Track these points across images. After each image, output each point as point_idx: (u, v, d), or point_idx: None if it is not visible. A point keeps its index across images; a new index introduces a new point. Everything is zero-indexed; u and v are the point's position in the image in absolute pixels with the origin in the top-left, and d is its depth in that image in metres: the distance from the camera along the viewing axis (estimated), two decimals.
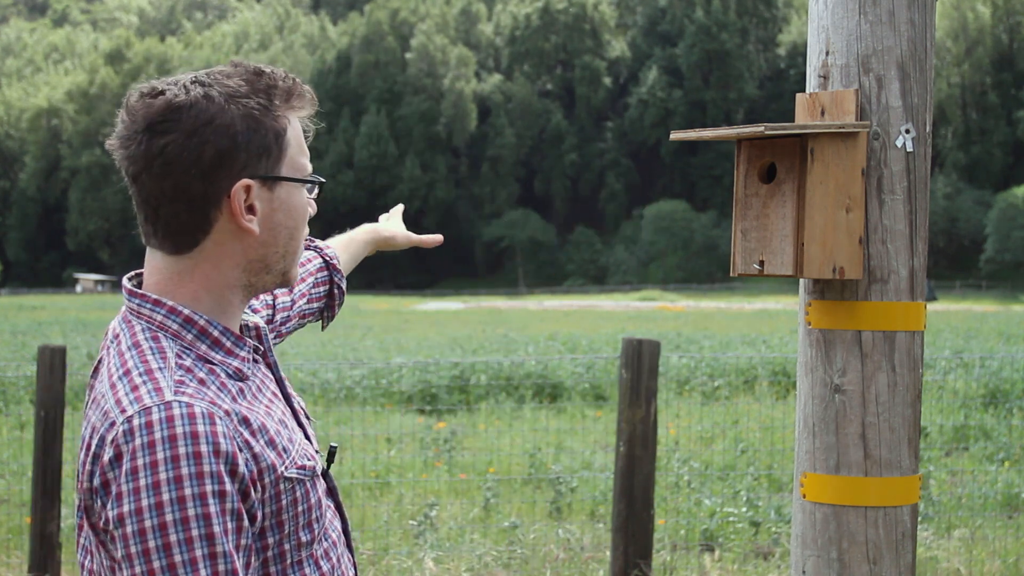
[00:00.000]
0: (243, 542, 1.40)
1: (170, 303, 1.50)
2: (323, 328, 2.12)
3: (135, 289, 1.53)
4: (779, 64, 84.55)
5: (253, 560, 1.45)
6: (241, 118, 1.48)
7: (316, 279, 2.05)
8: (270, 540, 1.47)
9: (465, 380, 12.16)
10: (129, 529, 1.35)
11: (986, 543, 6.22)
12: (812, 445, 1.85)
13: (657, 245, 74.12)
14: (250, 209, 1.51)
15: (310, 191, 1.62)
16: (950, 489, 7.35)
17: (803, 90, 1.91)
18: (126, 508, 1.35)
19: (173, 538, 1.34)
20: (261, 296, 1.91)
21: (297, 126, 1.57)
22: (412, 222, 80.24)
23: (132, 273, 1.58)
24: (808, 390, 1.86)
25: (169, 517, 1.34)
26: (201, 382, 1.44)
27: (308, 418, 1.70)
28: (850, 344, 1.80)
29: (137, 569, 1.35)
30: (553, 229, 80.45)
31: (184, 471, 1.34)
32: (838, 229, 1.76)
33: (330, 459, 1.67)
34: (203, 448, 1.36)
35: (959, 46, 73.97)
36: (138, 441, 1.36)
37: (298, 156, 1.57)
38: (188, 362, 1.46)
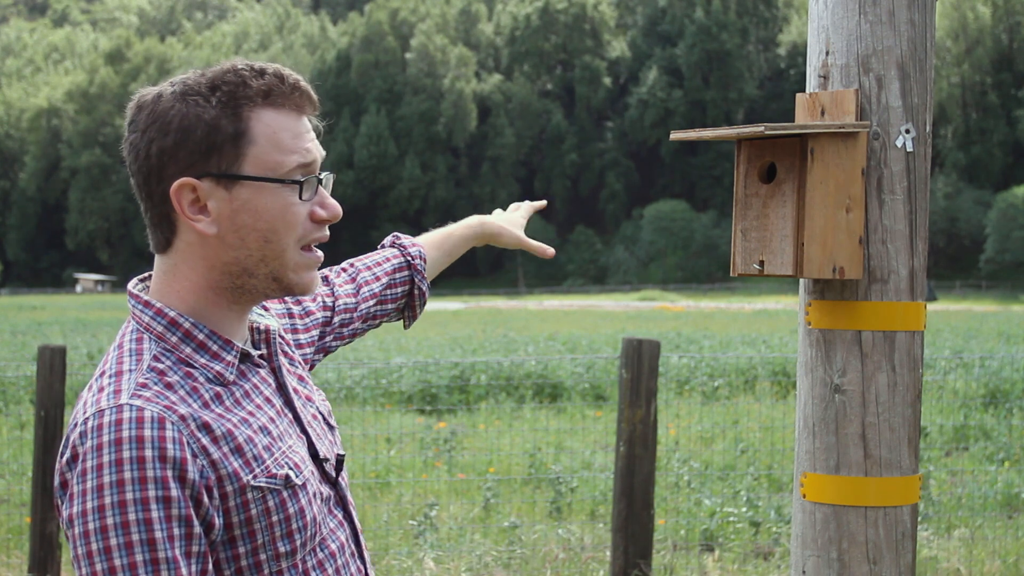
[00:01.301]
0: (194, 548, 1.38)
1: (158, 305, 1.50)
2: (405, 327, 2.07)
3: (131, 290, 1.55)
4: (779, 64, 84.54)
5: (224, 568, 1.45)
6: (186, 116, 1.46)
7: (392, 279, 2.00)
8: (241, 549, 1.46)
9: (465, 380, 12.16)
10: (77, 530, 1.36)
11: (986, 543, 6.22)
12: (812, 445, 1.85)
13: (657, 245, 74.12)
14: (202, 209, 1.48)
15: (304, 192, 1.52)
16: (950, 489, 7.35)
17: (803, 90, 1.91)
18: (75, 509, 1.36)
19: (114, 542, 1.34)
20: (319, 298, 1.88)
21: (276, 123, 1.50)
22: (412, 222, 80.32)
23: (143, 275, 1.59)
24: (808, 390, 1.86)
25: (110, 520, 1.34)
26: (168, 386, 1.43)
27: (330, 424, 1.69)
28: (850, 344, 1.80)
29: (84, 571, 1.36)
30: (553, 229, 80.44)
31: (127, 475, 1.35)
32: (838, 229, 1.76)
33: (338, 467, 1.64)
34: (147, 453, 1.36)
35: (959, 46, 73.97)
36: (89, 443, 1.37)
37: (270, 154, 1.49)
38: (164, 365, 1.46)
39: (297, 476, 1.50)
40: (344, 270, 1.99)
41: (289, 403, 1.59)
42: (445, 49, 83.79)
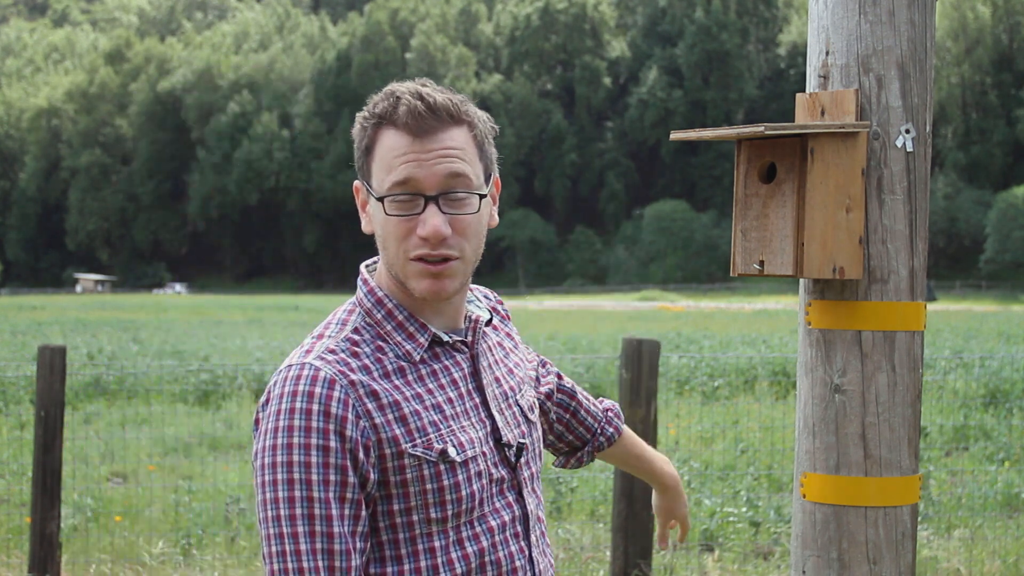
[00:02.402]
0: (348, 495, 1.60)
1: (372, 284, 1.75)
2: (553, 464, 2.23)
3: (361, 269, 1.82)
4: (779, 64, 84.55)
5: (379, 520, 1.65)
6: (355, 128, 1.73)
7: (574, 431, 2.16)
8: (396, 507, 1.65)
9: None
10: (256, 463, 1.62)
11: (986, 543, 6.22)
12: (812, 445, 1.85)
13: (657, 245, 74.13)
14: (364, 207, 1.76)
15: (388, 208, 1.68)
16: (950, 489, 7.34)
17: (803, 90, 1.91)
18: (258, 445, 1.63)
19: (279, 476, 1.58)
20: (552, 375, 2.12)
21: (388, 143, 1.68)
22: None
23: (372, 259, 1.83)
24: (808, 390, 1.86)
25: (279, 458, 1.59)
26: (355, 355, 1.67)
27: (528, 418, 1.85)
28: (850, 344, 1.80)
29: (257, 496, 1.62)
30: (553, 229, 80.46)
31: (296, 423, 1.59)
32: (838, 229, 1.76)
33: (517, 454, 1.79)
34: (314, 407, 1.59)
35: (959, 46, 73.97)
36: (276, 392, 1.63)
37: (380, 171, 1.69)
38: (360, 337, 1.70)
39: (458, 454, 1.68)
40: (568, 394, 2.16)
41: (479, 388, 1.77)
42: (445, 49, 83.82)
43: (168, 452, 9.06)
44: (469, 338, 1.79)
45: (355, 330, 1.70)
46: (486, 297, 1.98)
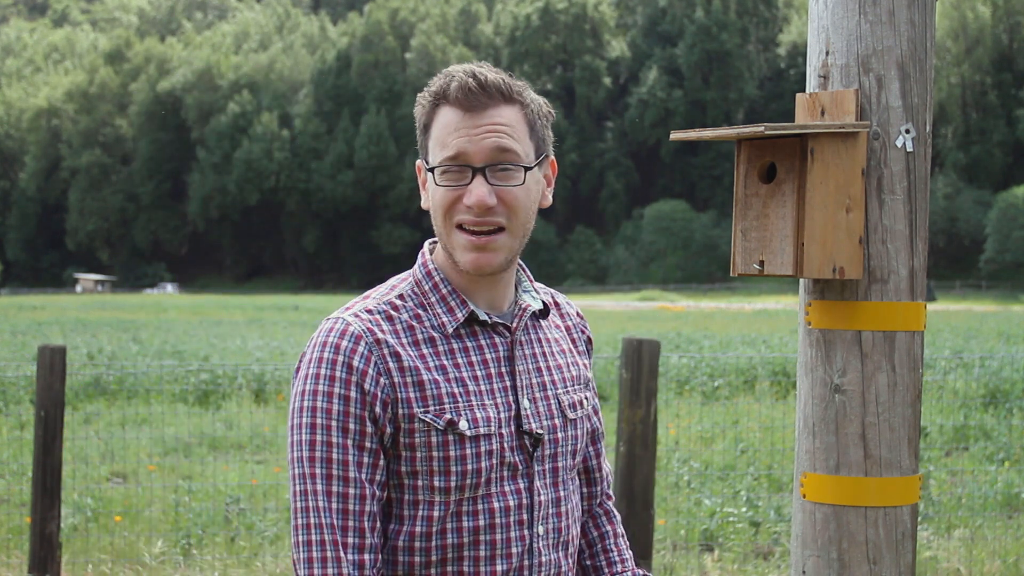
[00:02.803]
0: (366, 444, 1.70)
1: (426, 258, 1.84)
2: None
3: (424, 244, 1.89)
4: (779, 64, 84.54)
5: (391, 478, 1.73)
6: (416, 109, 1.82)
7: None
8: (403, 468, 1.73)
9: None
10: (289, 406, 1.75)
11: (986, 543, 6.23)
12: (812, 445, 1.85)
13: (657, 245, 74.12)
14: (423, 184, 1.82)
15: (439, 178, 1.76)
16: (950, 489, 7.35)
17: (803, 90, 1.91)
18: (293, 389, 1.75)
19: (303, 421, 1.70)
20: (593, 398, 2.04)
21: (444, 119, 1.76)
22: (412, 222, 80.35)
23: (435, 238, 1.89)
24: (808, 390, 1.86)
25: (306, 403, 1.70)
26: (389, 318, 1.76)
27: (564, 414, 1.86)
28: (850, 344, 1.80)
29: (287, 436, 1.74)
30: (553, 229, 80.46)
31: (321, 371, 1.70)
32: (838, 229, 1.76)
33: (535, 444, 1.81)
34: (339, 358, 1.70)
35: (959, 46, 73.95)
36: (312, 342, 1.75)
37: (435, 146, 1.77)
38: (403, 304, 1.79)
39: (469, 428, 1.73)
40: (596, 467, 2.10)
41: (512, 373, 1.81)
42: (445, 49, 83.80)
43: (168, 452, 9.06)
44: (513, 323, 1.82)
45: (400, 296, 1.79)
46: (556, 298, 2.02)
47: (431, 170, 1.77)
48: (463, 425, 1.72)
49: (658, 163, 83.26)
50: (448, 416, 1.72)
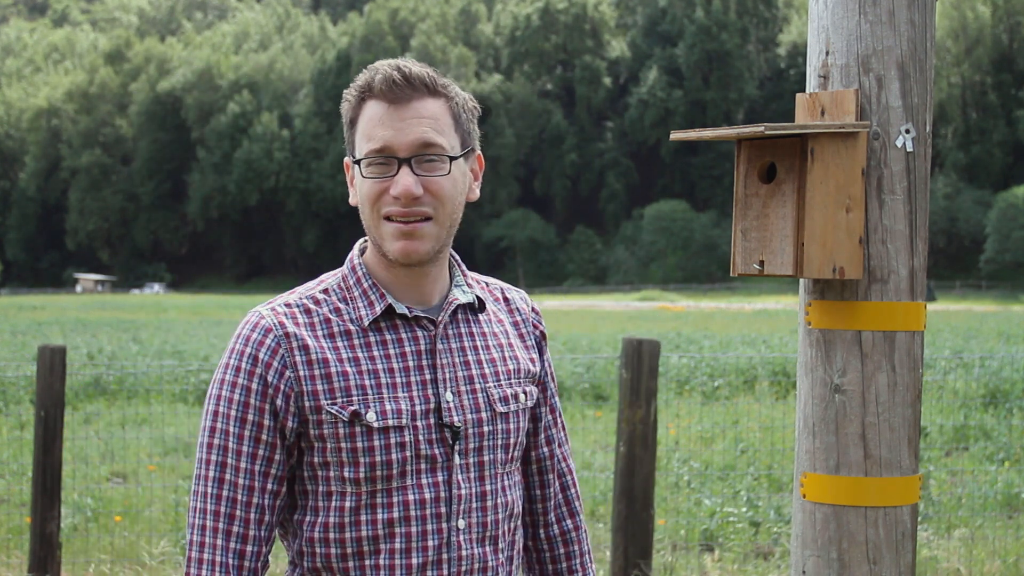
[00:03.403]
0: (263, 437, 1.74)
1: (353, 255, 1.87)
2: None
3: (355, 244, 1.91)
4: (779, 64, 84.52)
5: (305, 471, 1.77)
6: (342, 106, 1.85)
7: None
8: (315, 459, 1.76)
9: None
10: None
11: (986, 543, 6.23)
12: (812, 445, 1.85)
13: (657, 245, 74.11)
14: (351, 181, 1.85)
15: (364, 170, 1.78)
16: (950, 489, 7.35)
17: (803, 90, 1.91)
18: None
19: (208, 408, 1.78)
20: (548, 383, 2.03)
21: (369, 113, 1.78)
22: None
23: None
24: (808, 390, 1.86)
25: (212, 392, 1.78)
26: (306, 311, 1.79)
27: (492, 407, 1.84)
28: (850, 344, 1.80)
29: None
30: (553, 229, 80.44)
31: (230, 361, 1.77)
32: (838, 229, 1.77)
33: (454, 437, 1.80)
34: (246, 349, 1.76)
35: (959, 46, 73.95)
36: (232, 332, 1.85)
37: (360, 139, 1.80)
38: (327, 297, 1.82)
39: (377, 419, 1.74)
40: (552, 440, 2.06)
41: (433, 366, 1.81)
42: (445, 49, 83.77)
43: (168, 452, 9.06)
44: (439, 317, 1.83)
45: (324, 291, 1.82)
46: (507, 293, 2.01)
47: (357, 163, 1.79)
48: (370, 416, 1.74)
49: (658, 163, 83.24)
50: (354, 408, 1.73)
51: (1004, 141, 72.70)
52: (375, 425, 1.74)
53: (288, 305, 1.79)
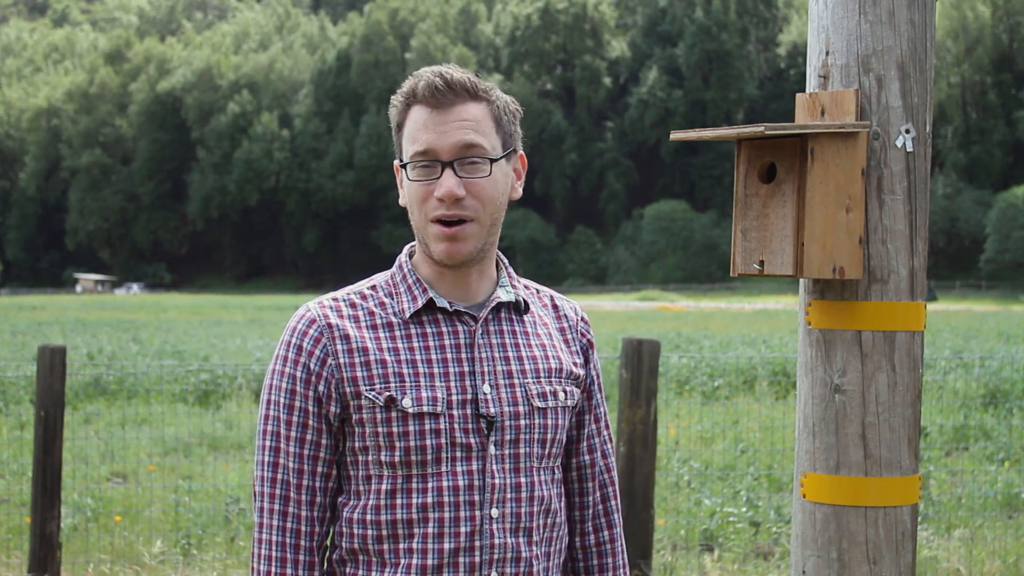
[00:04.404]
0: (309, 423, 1.84)
1: (401, 255, 1.95)
2: None
3: (405, 247, 1.99)
4: (779, 64, 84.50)
5: (347, 455, 1.86)
6: (390, 111, 1.91)
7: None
8: (356, 444, 1.85)
9: None
10: None
11: (986, 543, 6.23)
12: (812, 445, 1.85)
13: (657, 245, 74.09)
14: (400, 183, 1.91)
15: (410, 173, 1.85)
16: (950, 489, 7.34)
17: (803, 90, 1.91)
18: None
19: (263, 397, 1.90)
20: (593, 390, 2.08)
21: (415, 117, 1.85)
22: None
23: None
24: (808, 390, 1.86)
25: (265, 381, 1.90)
26: (352, 304, 1.89)
27: (530, 403, 1.87)
28: (850, 344, 1.80)
29: None
30: (553, 229, 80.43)
31: (280, 351, 1.88)
32: (838, 229, 1.77)
33: (488, 427, 1.85)
34: (292, 339, 1.87)
35: (959, 46, 73.93)
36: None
37: (406, 143, 1.87)
38: (374, 292, 1.91)
39: (412, 406, 1.81)
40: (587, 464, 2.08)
41: (472, 359, 1.87)
42: (445, 49, 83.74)
43: (168, 452, 9.06)
44: (480, 313, 1.89)
45: (372, 287, 1.92)
46: (556, 300, 2.08)
47: (404, 166, 1.87)
48: (406, 403, 1.81)
49: (658, 163, 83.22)
50: (390, 393, 1.81)
51: (1004, 141, 72.67)
52: (410, 411, 1.81)
53: (335, 299, 1.89)
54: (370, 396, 1.81)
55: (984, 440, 9.01)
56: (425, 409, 1.81)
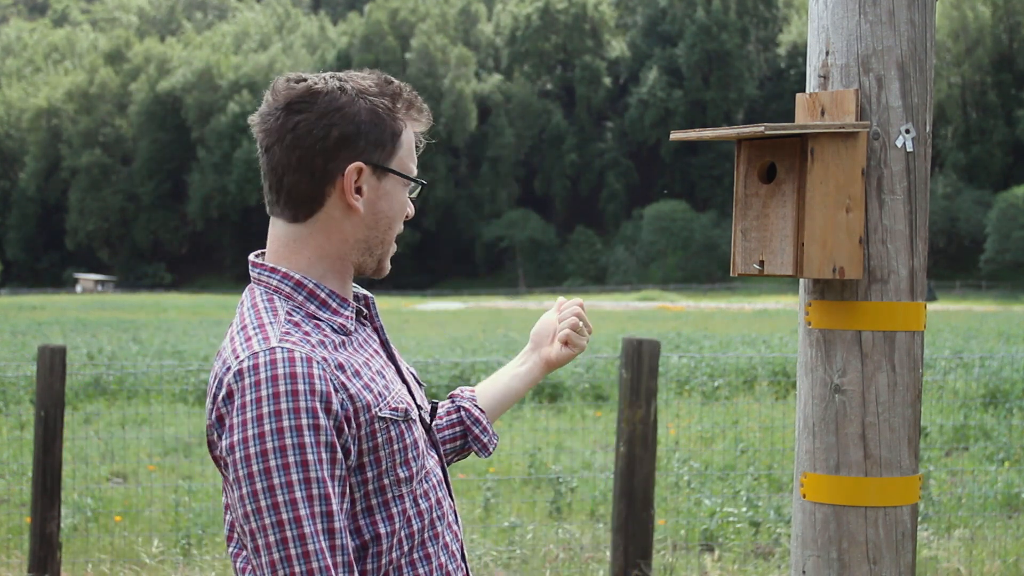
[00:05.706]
0: (337, 472, 1.61)
1: (283, 270, 1.75)
2: (479, 455, 2.19)
3: (254, 260, 1.80)
4: (779, 64, 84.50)
5: (355, 492, 1.67)
6: (366, 111, 1.74)
7: (453, 432, 2.15)
8: (369, 474, 1.68)
9: (465, 380, 12.16)
10: (238, 455, 1.58)
11: (986, 543, 6.23)
12: (812, 445, 1.85)
13: (657, 245, 74.08)
14: (358, 191, 1.75)
15: (411, 193, 1.83)
16: (950, 489, 7.34)
17: (803, 90, 1.91)
18: (236, 437, 1.58)
19: (273, 464, 1.56)
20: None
21: (411, 135, 1.80)
22: (412, 222, 79.98)
23: (258, 251, 1.84)
24: (808, 390, 1.86)
25: (270, 445, 1.56)
26: (306, 334, 1.67)
27: (419, 383, 1.93)
28: (850, 344, 1.80)
29: (244, 490, 1.58)
30: (553, 229, 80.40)
31: (284, 406, 1.57)
32: (838, 229, 1.77)
33: (432, 414, 1.90)
34: (301, 387, 1.59)
35: (959, 46, 73.92)
36: (247, 380, 1.59)
37: (407, 159, 1.79)
38: (297, 318, 1.70)
39: (413, 412, 1.76)
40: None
41: (392, 358, 1.85)
42: (445, 49, 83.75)
43: (168, 452, 9.06)
44: (371, 312, 1.88)
45: (287, 314, 1.70)
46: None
47: (410, 179, 1.81)
48: (411, 412, 1.77)
49: (658, 163, 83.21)
50: (398, 405, 1.74)
51: (1004, 141, 72.67)
52: (414, 417, 1.78)
53: (289, 334, 1.66)
54: (384, 415, 1.68)
55: (984, 440, 9.01)
56: (413, 414, 1.79)
